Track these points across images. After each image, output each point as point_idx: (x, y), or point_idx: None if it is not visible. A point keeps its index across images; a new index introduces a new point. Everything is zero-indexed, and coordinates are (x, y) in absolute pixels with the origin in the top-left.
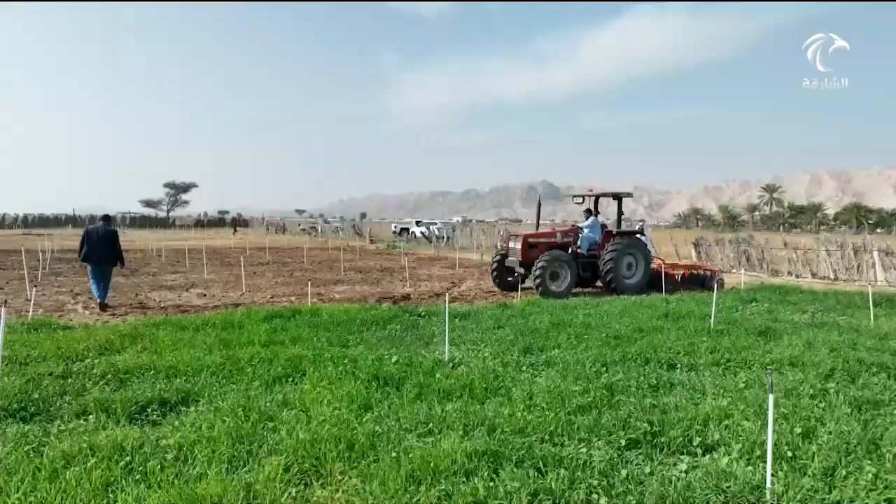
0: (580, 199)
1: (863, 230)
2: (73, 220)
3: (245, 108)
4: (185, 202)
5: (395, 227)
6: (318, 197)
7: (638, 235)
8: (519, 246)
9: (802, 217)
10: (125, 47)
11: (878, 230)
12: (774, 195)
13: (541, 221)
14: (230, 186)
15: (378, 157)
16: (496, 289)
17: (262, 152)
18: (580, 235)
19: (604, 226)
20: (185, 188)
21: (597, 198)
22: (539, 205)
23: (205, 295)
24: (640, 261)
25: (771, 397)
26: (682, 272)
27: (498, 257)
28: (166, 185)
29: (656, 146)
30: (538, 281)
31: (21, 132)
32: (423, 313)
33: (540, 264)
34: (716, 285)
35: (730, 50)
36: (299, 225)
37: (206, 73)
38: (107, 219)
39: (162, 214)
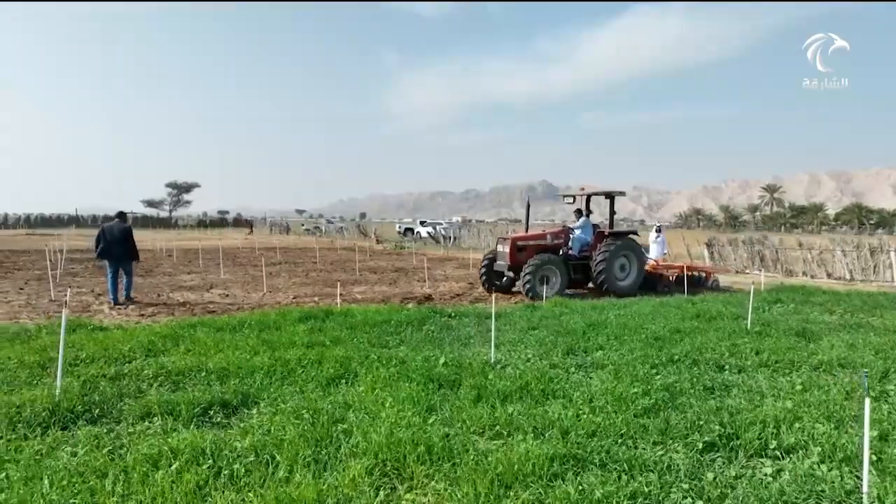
0: (570, 199)
1: (864, 230)
2: (76, 221)
3: (245, 108)
4: (188, 202)
5: (400, 228)
6: (317, 197)
7: (631, 236)
8: (507, 249)
9: (804, 217)
10: (125, 47)
11: (879, 230)
12: (775, 195)
13: (540, 221)
14: (229, 186)
15: (378, 157)
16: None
17: (262, 152)
18: (571, 237)
19: (595, 226)
20: (188, 188)
21: (588, 197)
22: (528, 206)
23: (227, 295)
24: (634, 262)
25: (867, 401)
26: (676, 273)
27: (486, 261)
28: (168, 185)
29: (655, 146)
30: (527, 285)
31: (21, 132)
32: (452, 314)
33: (529, 268)
34: (711, 286)
35: (730, 50)
36: (303, 225)
37: (205, 73)
38: (122, 216)
39: (164, 214)
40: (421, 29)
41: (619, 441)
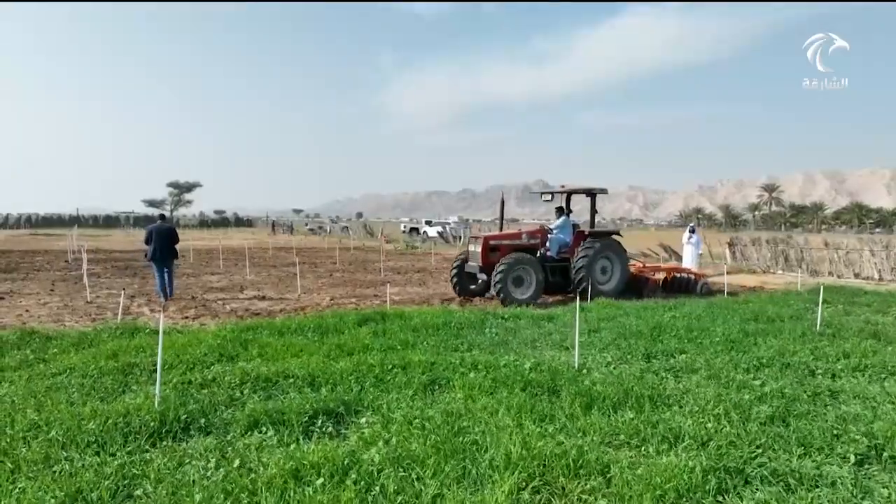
0: (549, 197)
1: (864, 230)
2: (77, 221)
3: (240, 108)
4: (189, 202)
5: (405, 227)
6: (313, 196)
7: (614, 236)
8: (479, 249)
9: (803, 216)
10: (123, 47)
11: (878, 230)
12: (773, 195)
13: (535, 221)
14: (225, 186)
15: (373, 156)
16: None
17: (257, 152)
18: (549, 237)
19: (576, 226)
20: (189, 188)
21: (569, 195)
22: (502, 203)
23: (263, 297)
24: (617, 264)
25: None
26: (664, 276)
27: (458, 262)
28: (170, 185)
29: (651, 146)
30: (499, 287)
31: (19, 131)
32: (506, 316)
33: (501, 268)
34: (700, 291)
35: (725, 50)
36: (306, 225)
37: (202, 73)
38: (163, 217)
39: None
40: (417, 29)
41: (760, 452)
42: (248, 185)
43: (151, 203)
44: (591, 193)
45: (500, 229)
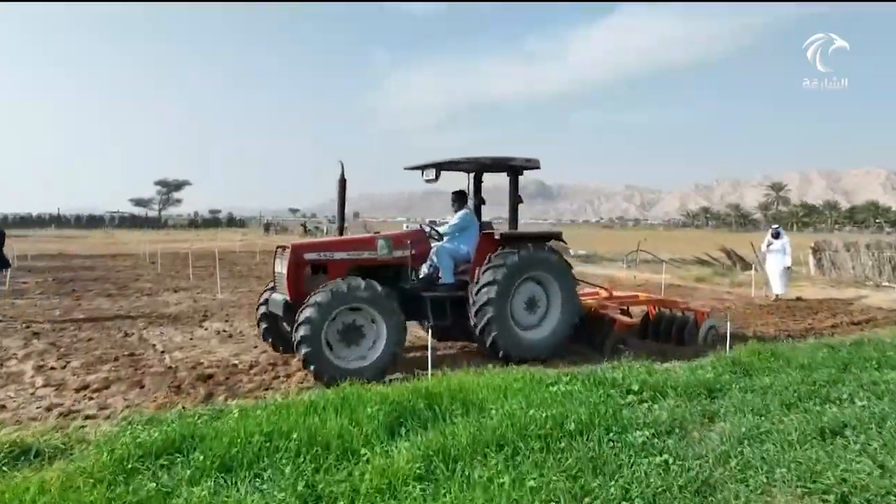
0: (431, 175)
1: (879, 230)
2: (56, 220)
3: (235, 106)
4: (178, 201)
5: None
6: (309, 196)
7: (554, 242)
8: (285, 270)
9: (815, 216)
10: (113, 46)
11: (888, 230)
12: (780, 194)
13: (529, 222)
14: (220, 185)
15: (369, 156)
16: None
17: (253, 151)
18: (434, 246)
19: (485, 224)
20: (178, 186)
21: (478, 173)
22: (342, 182)
23: (229, 336)
24: (555, 293)
25: None
26: (644, 312)
27: (265, 295)
28: (158, 183)
29: (646, 145)
30: (305, 347)
31: (5, 128)
32: (639, 389)
33: (310, 308)
34: (708, 339)
35: (722, 50)
36: (303, 224)
37: (196, 71)
38: None
39: (153, 214)
40: (412, 28)
41: None
42: (245, 184)
43: (139, 202)
44: (514, 168)
45: (340, 232)
